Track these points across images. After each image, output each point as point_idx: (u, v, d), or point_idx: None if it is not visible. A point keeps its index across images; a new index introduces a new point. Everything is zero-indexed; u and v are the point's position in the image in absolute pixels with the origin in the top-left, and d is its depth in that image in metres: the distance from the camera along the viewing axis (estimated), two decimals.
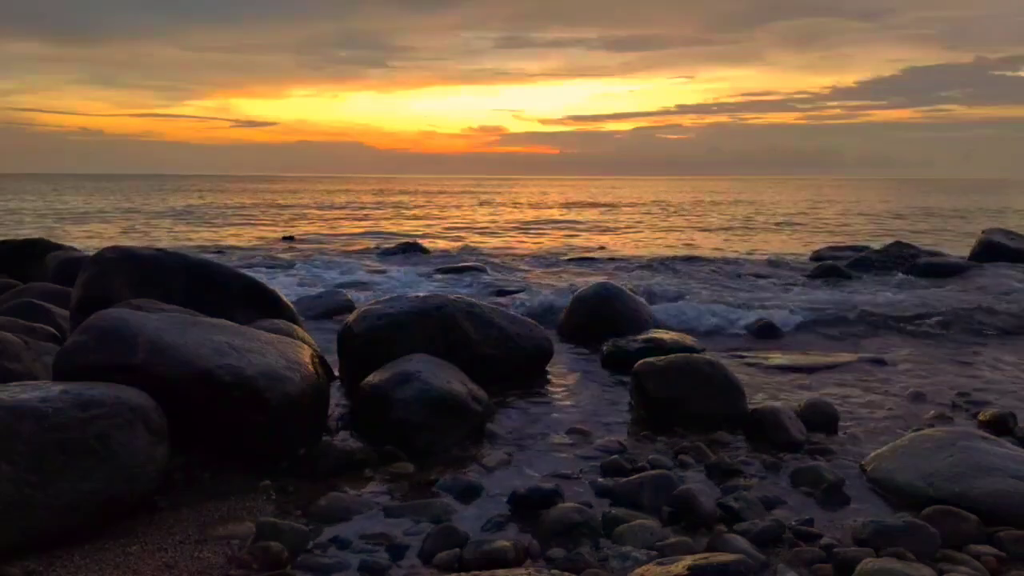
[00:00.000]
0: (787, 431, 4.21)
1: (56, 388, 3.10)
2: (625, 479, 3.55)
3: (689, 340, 6.25)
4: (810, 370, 5.88)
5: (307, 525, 3.07)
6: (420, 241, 16.01)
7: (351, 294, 8.93)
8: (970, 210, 32.17)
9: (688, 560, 2.53)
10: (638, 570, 2.62)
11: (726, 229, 22.56)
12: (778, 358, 6.27)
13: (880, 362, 6.19)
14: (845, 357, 6.34)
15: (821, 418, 4.47)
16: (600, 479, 3.62)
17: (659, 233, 21.60)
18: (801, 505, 3.39)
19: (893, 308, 8.39)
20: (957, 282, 10.51)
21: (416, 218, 27.87)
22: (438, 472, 3.67)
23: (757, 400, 4.85)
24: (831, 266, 11.18)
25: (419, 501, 3.33)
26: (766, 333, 7.30)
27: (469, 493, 3.45)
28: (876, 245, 13.97)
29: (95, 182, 64.59)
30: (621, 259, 14.15)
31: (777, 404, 4.62)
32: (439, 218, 27.85)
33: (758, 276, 11.48)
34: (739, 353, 6.46)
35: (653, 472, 3.59)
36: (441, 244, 17.10)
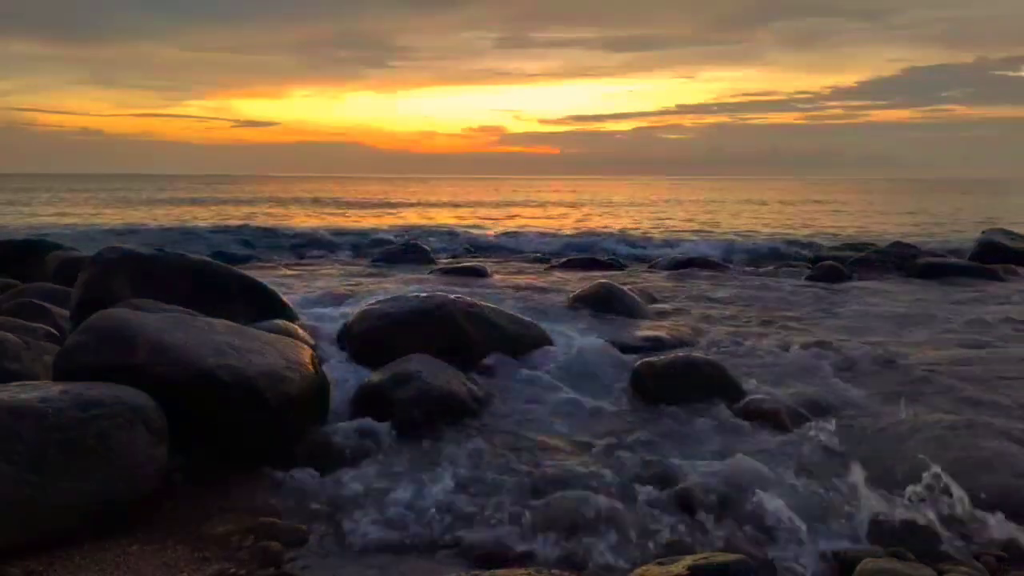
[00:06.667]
0: (787, 428, 4.21)
1: (56, 388, 3.11)
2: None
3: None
4: None
5: (306, 524, 3.07)
6: None
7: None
8: (970, 210, 32.09)
9: (688, 560, 2.53)
10: (638, 570, 2.61)
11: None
12: None
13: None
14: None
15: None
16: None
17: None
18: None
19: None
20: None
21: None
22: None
23: None
24: (831, 266, 11.15)
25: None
26: None
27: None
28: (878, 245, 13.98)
29: (66, 183, 61.15)
30: None
31: (776, 401, 4.61)
32: None
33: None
34: None
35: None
36: None
